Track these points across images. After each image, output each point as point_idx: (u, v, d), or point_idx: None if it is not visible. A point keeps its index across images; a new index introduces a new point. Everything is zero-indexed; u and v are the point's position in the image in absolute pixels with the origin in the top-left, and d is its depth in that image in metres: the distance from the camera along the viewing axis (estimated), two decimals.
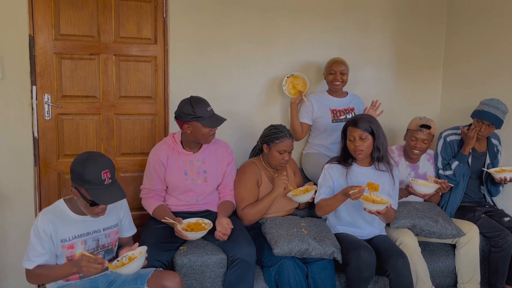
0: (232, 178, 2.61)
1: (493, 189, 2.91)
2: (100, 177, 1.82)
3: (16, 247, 2.72)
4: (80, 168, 1.82)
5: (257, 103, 3.15)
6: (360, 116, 2.47)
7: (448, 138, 2.91)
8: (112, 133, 2.92)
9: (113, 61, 2.86)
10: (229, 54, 3.04)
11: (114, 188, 1.87)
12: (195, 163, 2.48)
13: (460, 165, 2.78)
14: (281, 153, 2.53)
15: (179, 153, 2.46)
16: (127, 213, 2.14)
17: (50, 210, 1.92)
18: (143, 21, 2.89)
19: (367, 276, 2.25)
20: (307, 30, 3.19)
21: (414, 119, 2.80)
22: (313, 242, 2.29)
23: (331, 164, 2.50)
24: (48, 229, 1.86)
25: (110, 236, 2.04)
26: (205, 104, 2.40)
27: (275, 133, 2.54)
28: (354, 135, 2.39)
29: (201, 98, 2.42)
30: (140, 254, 1.89)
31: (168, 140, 2.50)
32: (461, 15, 3.36)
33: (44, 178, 2.81)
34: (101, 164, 1.84)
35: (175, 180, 2.45)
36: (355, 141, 2.39)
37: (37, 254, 1.86)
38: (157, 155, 2.45)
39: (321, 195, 2.44)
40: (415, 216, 2.57)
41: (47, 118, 2.77)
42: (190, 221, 2.33)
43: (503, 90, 2.99)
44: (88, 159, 1.84)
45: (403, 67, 3.46)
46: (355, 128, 2.39)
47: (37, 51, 2.71)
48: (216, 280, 2.31)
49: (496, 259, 2.63)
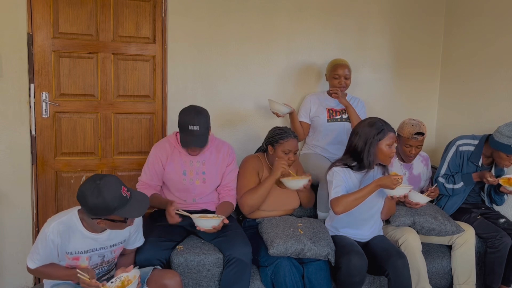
0: (231, 179, 2.57)
1: (498, 199, 2.86)
2: (122, 197, 1.80)
3: (13, 245, 2.72)
4: (100, 201, 1.75)
5: (255, 103, 3.15)
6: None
7: (461, 148, 2.80)
8: (109, 132, 2.92)
9: (111, 60, 2.86)
10: (228, 54, 3.04)
11: (136, 198, 1.87)
12: (195, 164, 2.48)
13: (463, 187, 2.75)
14: (286, 153, 2.55)
15: (180, 153, 2.46)
16: (138, 225, 2.10)
17: (63, 222, 1.87)
18: (142, 20, 2.89)
19: (358, 280, 2.25)
20: (306, 30, 3.19)
21: (405, 125, 2.71)
22: (309, 243, 2.29)
23: (342, 168, 2.38)
24: (56, 241, 1.84)
25: (116, 252, 2.03)
26: (189, 120, 2.31)
27: (280, 133, 2.58)
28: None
29: (192, 111, 2.35)
30: (134, 278, 1.86)
31: (171, 139, 2.50)
32: (460, 15, 3.37)
33: (41, 176, 2.81)
34: (115, 185, 1.80)
35: (173, 179, 2.46)
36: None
37: (40, 258, 1.87)
38: (158, 153, 2.46)
39: (340, 192, 2.31)
40: (415, 213, 2.60)
41: (44, 116, 2.77)
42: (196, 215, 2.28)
43: (501, 89, 3.00)
44: (101, 188, 1.76)
45: (402, 67, 3.46)
46: (392, 133, 2.34)
47: (35, 49, 2.70)
48: (212, 279, 2.31)
49: (492, 259, 2.63)
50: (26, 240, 2.76)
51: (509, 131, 2.56)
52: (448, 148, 2.86)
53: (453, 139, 2.87)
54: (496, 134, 2.62)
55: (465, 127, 3.21)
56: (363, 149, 2.32)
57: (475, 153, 2.76)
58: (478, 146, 2.76)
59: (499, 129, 2.62)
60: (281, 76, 3.16)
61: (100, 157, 2.92)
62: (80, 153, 2.88)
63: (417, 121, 2.71)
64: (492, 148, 2.66)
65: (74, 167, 2.87)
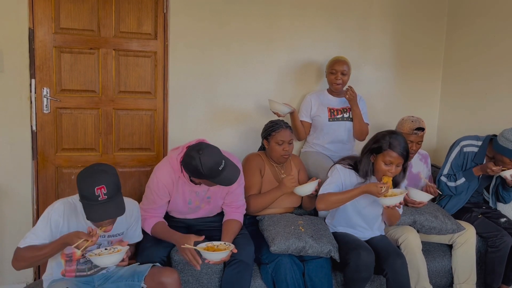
0: (238, 197, 2.41)
1: (506, 195, 2.81)
2: (93, 193, 1.74)
3: (13, 241, 2.70)
4: (79, 180, 1.79)
5: (256, 101, 3.14)
6: (399, 139, 2.26)
7: (465, 148, 2.79)
8: (110, 128, 2.91)
9: (112, 55, 2.85)
10: (230, 51, 3.04)
11: (110, 205, 1.78)
12: (201, 193, 2.33)
13: (465, 183, 2.75)
14: (280, 144, 2.54)
15: (184, 183, 2.27)
16: (136, 221, 2.10)
17: (68, 203, 1.89)
18: (143, 16, 2.88)
19: (366, 276, 2.25)
20: (308, 28, 3.18)
21: (405, 122, 2.71)
22: (310, 240, 2.29)
23: (345, 168, 2.39)
24: (58, 221, 1.84)
25: (113, 242, 2.01)
26: (219, 169, 2.08)
27: (271, 126, 2.59)
28: (393, 160, 2.25)
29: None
30: (119, 251, 1.83)
31: (174, 165, 2.25)
32: (462, 15, 3.36)
33: (41, 172, 2.80)
34: (98, 180, 1.76)
35: (178, 206, 2.35)
36: (392, 167, 2.26)
37: (36, 236, 1.83)
38: (162, 182, 2.24)
39: (329, 189, 2.32)
40: (415, 212, 2.60)
41: (45, 111, 2.77)
42: (201, 246, 2.09)
43: (503, 89, 3.00)
44: (87, 173, 1.79)
45: (403, 66, 3.46)
46: (396, 154, 2.23)
47: (36, 44, 2.70)
48: (212, 276, 2.31)
49: (492, 259, 2.63)
50: None
51: None
52: (451, 148, 2.86)
53: (456, 140, 2.87)
54: (501, 139, 2.60)
55: (466, 127, 3.21)
56: (361, 157, 2.36)
57: (479, 154, 2.76)
58: (482, 147, 2.75)
59: (504, 133, 2.59)
60: (283, 74, 3.15)
61: (101, 153, 2.91)
62: (80, 149, 2.87)
63: (416, 117, 2.72)
64: (496, 151, 2.65)
65: (75, 163, 2.87)
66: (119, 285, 1.97)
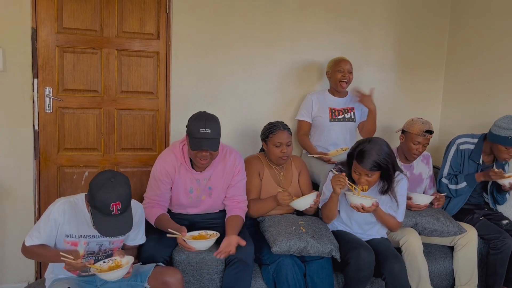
0: (239, 191, 2.44)
1: (499, 197, 2.86)
2: (108, 208, 1.77)
3: (15, 240, 2.72)
4: (94, 189, 1.77)
5: (259, 101, 3.14)
6: (367, 150, 2.19)
7: (461, 146, 2.81)
8: (112, 128, 2.92)
9: (115, 55, 2.86)
10: (232, 51, 3.04)
11: (120, 220, 1.81)
12: (202, 181, 2.36)
13: (466, 187, 2.76)
14: (277, 146, 2.52)
15: (187, 170, 2.32)
16: (139, 224, 2.10)
17: (69, 202, 1.90)
18: (146, 16, 2.88)
19: (367, 275, 2.25)
20: (310, 29, 3.18)
21: (415, 123, 2.69)
22: (312, 240, 2.29)
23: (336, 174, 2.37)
24: (59, 220, 1.85)
25: (114, 243, 2.02)
26: (201, 124, 2.17)
27: (269, 128, 2.57)
28: (360, 171, 2.23)
29: (204, 116, 2.22)
30: (126, 264, 1.85)
31: (176, 152, 2.33)
32: (465, 15, 3.36)
33: (43, 171, 2.81)
34: (115, 195, 1.77)
35: (179, 196, 2.37)
36: (361, 177, 2.25)
37: (39, 236, 1.87)
38: (165, 168, 2.30)
39: (323, 198, 2.39)
40: (417, 214, 2.60)
41: (48, 111, 2.77)
42: (193, 234, 2.19)
43: (505, 89, 2.99)
44: (106, 184, 1.77)
45: (406, 67, 3.45)
46: (360, 166, 2.21)
47: (39, 44, 2.70)
48: (213, 276, 2.31)
49: (494, 261, 2.63)
50: None
51: (505, 123, 2.60)
52: (448, 148, 2.88)
53: (452, 139, 2.89)
54: (493, 128, 2.67)
55: (469, 127, 3.20)
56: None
57: (475, 151, 2.79)
58: (478, 144, 2.79)
59: (496, 122, 2.67)
60: (285, 75, 3.15)
61: (102, 153, 2.91)
62: (83, 148, 2.88)
63: (425, 119, 2.73)
64: (491, 142, 2.70)
65: (77, 163, 2.87)
66: (121, 285, 1.97)
